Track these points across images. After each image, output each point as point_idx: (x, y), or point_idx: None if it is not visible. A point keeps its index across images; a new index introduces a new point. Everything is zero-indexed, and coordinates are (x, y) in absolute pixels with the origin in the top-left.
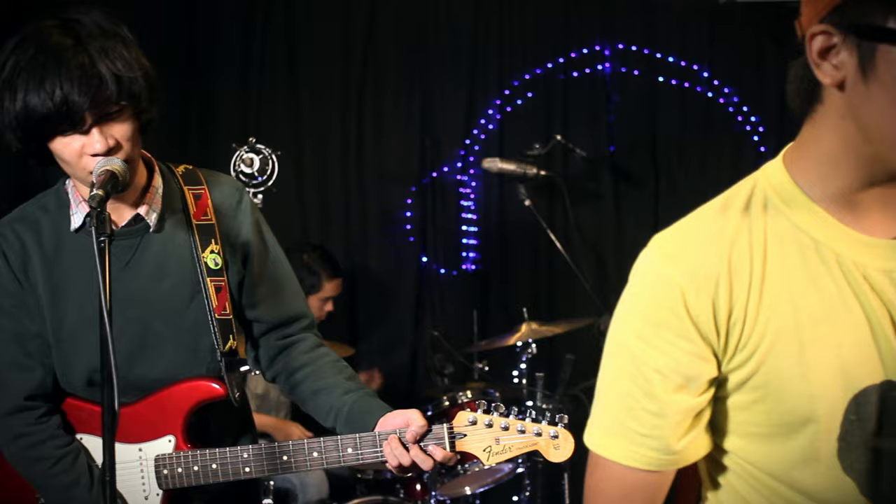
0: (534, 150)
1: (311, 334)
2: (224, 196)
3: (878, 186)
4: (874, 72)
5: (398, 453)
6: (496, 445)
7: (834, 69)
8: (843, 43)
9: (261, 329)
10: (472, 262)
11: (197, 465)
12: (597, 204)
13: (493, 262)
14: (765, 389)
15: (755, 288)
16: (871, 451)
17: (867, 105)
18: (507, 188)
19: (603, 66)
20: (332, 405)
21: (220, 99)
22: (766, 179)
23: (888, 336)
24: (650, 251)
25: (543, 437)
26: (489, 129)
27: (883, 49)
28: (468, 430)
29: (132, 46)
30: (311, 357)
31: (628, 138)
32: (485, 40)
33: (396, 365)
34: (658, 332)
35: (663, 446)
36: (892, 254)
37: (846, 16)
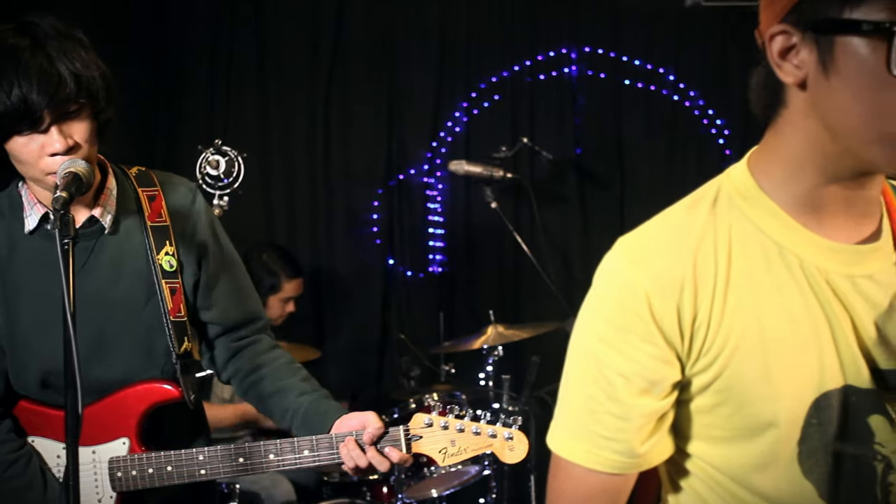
0: (500, 152)
1: (265, 336)
2: (178, 197)
3: (843, 188)
4: (834, 66)
5: (355, 455)
6: (451, 447)
7: (795, 68)
8: (803, 41)
9: (216, 331)
10: (438, 264)
11: (151, 467)
12: (563, 206)
13: (459, 264)
14: (727, 393)
15: (719, 292)
16: (831, 455)
17: (830, 100)
18: (473, 190)
19: (569, 68)
20: (287, 407)
21: (186, 101)
22: (731, 183)
23: (849, 341)
24: (615, 254)
25: (498, 438)
26: (456, 131)
27: (841, 41)
28: (424, 431)
29: (88, 48)
30: (267, 359)
31: (594, 141)
32: (452, 43)
33: (362, 367)
34: (622, 336)
35: (627, 449)
36: (854, 259)
37: (803, 13)
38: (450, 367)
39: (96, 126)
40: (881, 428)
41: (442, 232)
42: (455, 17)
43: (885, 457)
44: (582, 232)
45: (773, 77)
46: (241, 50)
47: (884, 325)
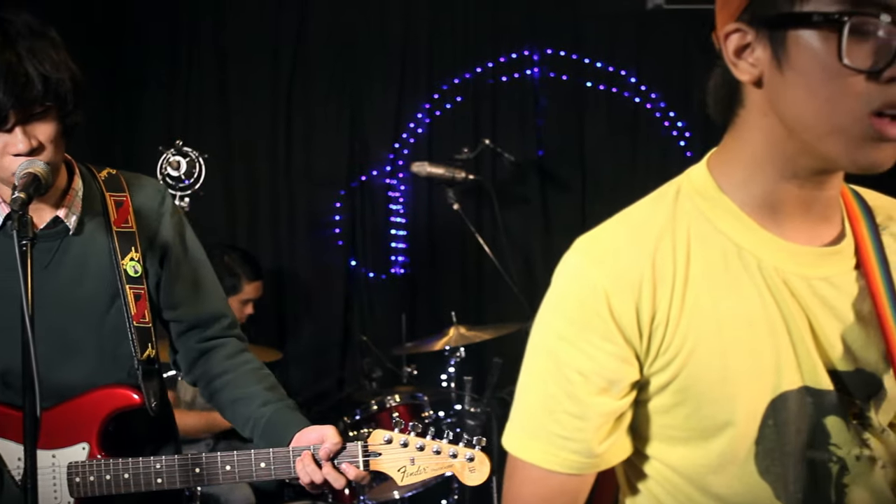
0: (462, 154)
1: (233, 338)
2: (146, 198)
3: (801, 189)
4: (788, 60)
5: (310, 471)
6: (411, 466)
7: (751, 66)
8: (757, 38)
9: (180, 329)
10: (400, 265)
11: (109, 473)
12: (525, 208)
13: (421, 265)
14: (685, 393)
15: (678, 291)
16: (787, 455)
17: (786, 95)
18: (435, 192)
19: (531, 70)
20: (249, 416)
21: (146, 101)
22: (691, 183)
23: (806, 342)
24: (574, 253)
25: (459, 458)
26: (418, 132)
27: (793, 35)
28: (383, 448)
29: (60, 49)
30: (232, 364)
31: (556, 142)
32: (414, 44)
33: (324, 369)
34: (581, 334)
35: (584, 449)
36: (812, 260)
37: (756, 11)
38: (412, 368)
39: (62, 128)
40: (837, 430)
41: (404, 233)
42: (417, 18)
43: (840, 458)
44: (544, 233)
45: (730, 77)
46: (203, 50)
47: (841, 328)
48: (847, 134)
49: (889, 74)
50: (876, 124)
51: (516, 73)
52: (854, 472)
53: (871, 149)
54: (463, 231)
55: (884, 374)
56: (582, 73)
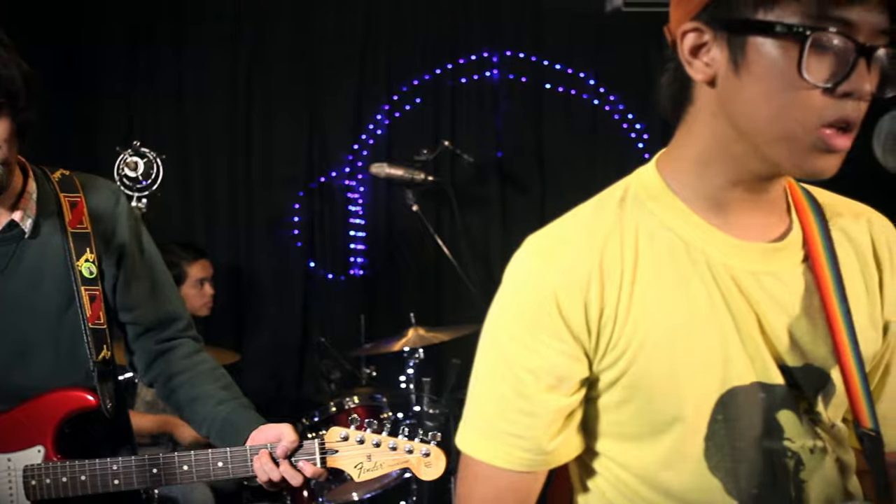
0: (422, 155)
1: (189, 339)
2: (101, 200)
3: (748, 188)
4: (745, 65)
5: (268, 468)
6: (367, 462)
7: (706, 66)
8: (715, 39)
9: (136, 331)
10: (359, 266)
11: (66, 476)
12: (484, 209)
13: (380, 267)
14: (635, 389)
15: (626, 288)
16: (738, 451)
17: (739, 99)
18: (395, 193)
19: (491, 72)
20: (205, 415)
21: (102, 101)
22: (639, 182)
23: (755, 338)
24: (523, 251)
25: (415, 454)
26: (377, 134)
27: (753, 41)
28: (340, 445)
29: (10, 48)
30: (189, 364)
31: (516, 144)
32: (374, 45)
33: (283, 370)
34: (530, 332)
35: (535, 447)
36: (759, 256)
37: (717, 12)
38: (371, 369)
39: (15, 128)
40: (790, 424)
41: (363, 234)
42: (377, 19)
43: (794, 453)
44: (503, 234)
45: (683, 74)
46: (159, 49)
47: (789, 323)
48: (796, 142)
49: (843, 89)
50: (824, 135)
51: (475, 74)
52: (809, 465)
53: (818, 157)
54: (422, 232)
55: (832, 369)
56: (541, 74)
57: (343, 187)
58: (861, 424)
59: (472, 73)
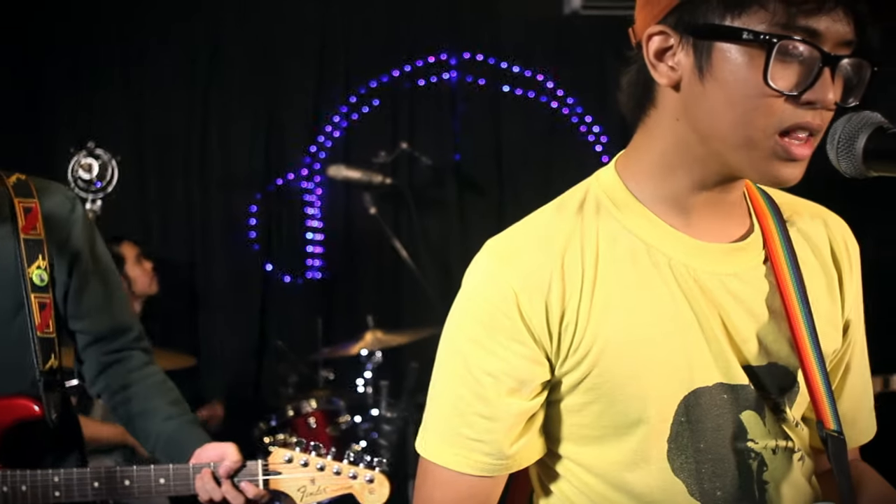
0: (379, 157)
1: (138, 351)
2: (56, 206)
3: (709, 191)
4: (711, 70)
5: (209, 488)
6: (311, 486)
7: (670, 70)
8: (680, 44)
9: (86, 340)
10: (317, 269)
11: (6, 485)
12: (442, 212)
13: (338, 269)
14: (597, 391)
15: (587, 291)
16: (702, 452)
17: (703, 104)
18: (352, 196)
19: (449, 74)
20: (151, 431)
21: (55, 101)
22: (599, 184)
23: (719, 339)
24: (483, 255)
25: (359, 480)
26: (335, 136)
27: (719, 47)
28: (283, 468)
29: None
30: (137, 377)
31: (474, 147)
32: (332, 47)
33: (240, 374)
34: (491, 335)
35: (496, 451)
36: (721, 257)
37: (683, 17)
38: (328, 373)
39: None
40: (754, 425)
41: (321, 237)
42: (334, 21)
43: (758, 454)
44: (461, 237)
45: (646, 76)
46: (115, 49)
47: (752, 323)
48: (757, 149)
49: (807, 98)
50: (785, 144)
51: (434, 76)
52: (772, 466)
53: (781, 166)
54: (380, 235)
55: (795, 368)
56: (499, 77)
57: (300, 189)
58: (824, 425)
59: (430, 76)
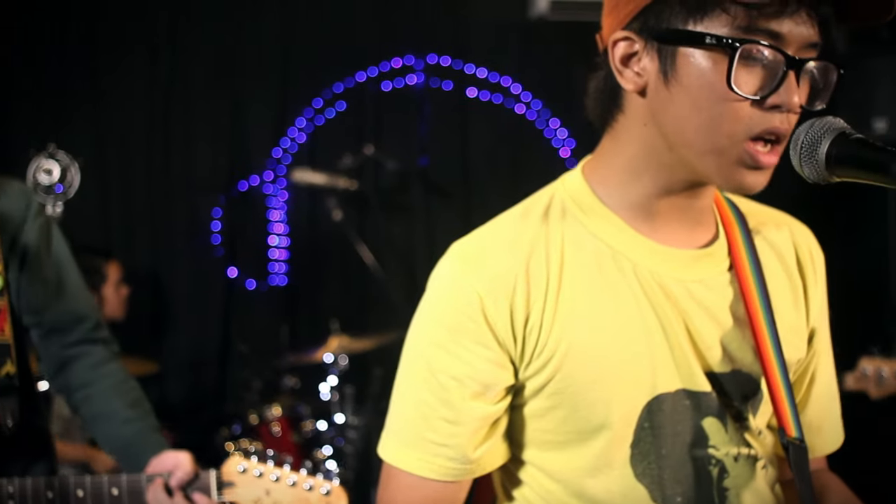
0: (345, 162)
1: (99, 346)
2: (10, 202)
3: (676, 196)
4: (675, 75)
5: (161, 499)
6: (266, 497)
7: (636, 75)
8: (645, 49)
9: (40, 333)
10: (281, 275)
11: None
12: (408, 217)
13: (303, 275)
14: (561, 396)
15: (552, 295)
16: (664, 458)
17: (669, 109)
18: (317, 200)
19: (415, 78)
20: (109, 434)
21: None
22: (565, 189)
23: (682, 345)
24: (448, 259)
25: (314, 492)
26: (300, 140)
27: (683, 52)
28: (238, 478)
29: None
30: (96, 376)
31: (440, 151)
32: (297, 50)
33: (203, 380)
34: (455, 339)
35: (460, 455)
36: (687, 263)
37: (648, 22)
38: (293, 379)
39: None
40: (715, 431)
41: (285, 242)
42: (299, 24)
43: (719, 460)
44: (427, 243)
45: (612, 82)
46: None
47: (716, 330)
48: (724, 155)
49: (772, 102)
50: (752, 150)
51: (400, 80)
52: (734, 473)
53: (746, 173)
54: (345, 240)
55: (759, 376)
56: (465, 81)
57: (265, 194)
58: (786, 433)
59: (397, 79)
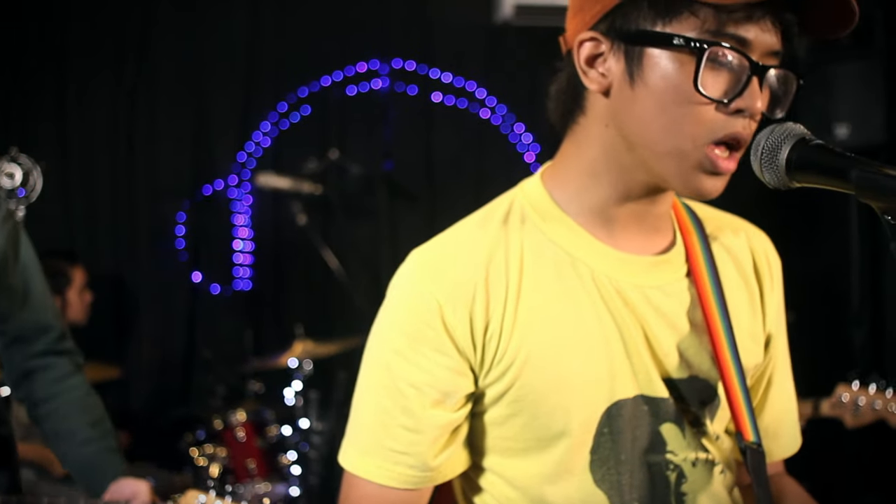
0: (309, 166)
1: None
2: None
3: (634, 203)
4: (641, 77)
5: None
6: None
7: (601, 76)
8: (612, 50)
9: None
10: (246, 279)
11: None
12: (373, 221)
13: (267, 279)
14: (521, 403)
15: (511, 302)
16: (623, 464)
17: (632, 110)
18: (282, 205)
19: (379, 82)
20: (67, 453)
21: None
22: (524, 195)
23: (640, 351)
24: (408, 265)
25: None
26: (264, 144)
27: (650, 53)
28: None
29: None
30: (59, 390)
31: (404, 155)
32: (261, 54)
33: (167, 386)
34: (414, 346)
35: (420, 463)
36: (645, 269)
37: (615, 23)
38: (257, 384)
39: None
40: (673, 437)
41: (250, 247)
42: (264, 28)
43: (677, 466)
44: (392, 247)
45: (575, 84)
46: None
47: (674, 336)
48: (685, 158)
49: (736, 106)
50: (712, 156)
51: (364, 85)
52: (691, 478)
53: (705, 178)
54: (309, 244)
55: (716, 381)
56: (430, 86)
57: (229, 198)
58: (744, 437)
59: (361, 84)
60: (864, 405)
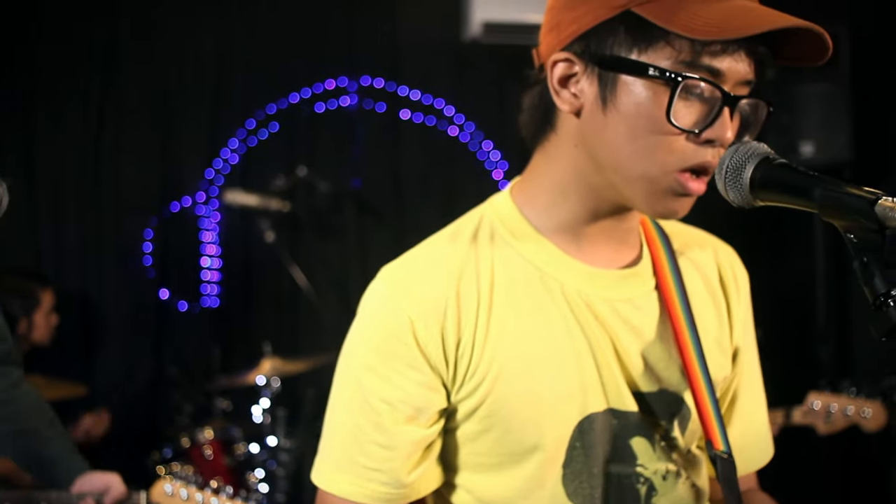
0: (277, 183)
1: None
2: None
3: (602, 220)
4: (614, 102)
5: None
6: None
7: (573, 97)
8: (585, 72)
9: None
10: (213, 296)
11: None
12: (341, 239)
13: (235, 297)
14: (493, 419)
15: (482, 317)
16: (595, 477)
17: (603, 134)
18: (250, 222)
19: (348, 100)
20: (29, 453)
21: None
22: (494, 211)
23: (611, 364)
24: (378, 282)
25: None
26: (232, 161)
27: (624, 80)
28: (166, 500)
29: None
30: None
31: (373, 173)
32: (229, 71)
33: (134, 403)
34: (386, 363)
35: (393, 480)
36: (613, 283)
37: (590, 46)
38: (225, 402)
39: None
40: (643, 450)
41: (218, 264)
42: (232, 44)
43: (647, 479)
44: (360, 265)
45: (547, 100)
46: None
47: (644, 349)
48: (653, 184)
49: (707, 136)
50: (682, 179)
51: (333, 102)
52: (662, 490)
53: (672, 200)
54: (277, 261)
55: (685, 394)
56: (398, 103)
57: (197, 215)
58: (714, 447)
59: (329, 101)
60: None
